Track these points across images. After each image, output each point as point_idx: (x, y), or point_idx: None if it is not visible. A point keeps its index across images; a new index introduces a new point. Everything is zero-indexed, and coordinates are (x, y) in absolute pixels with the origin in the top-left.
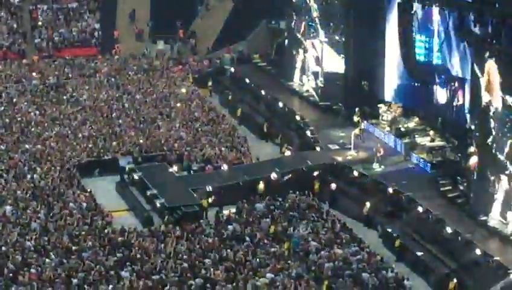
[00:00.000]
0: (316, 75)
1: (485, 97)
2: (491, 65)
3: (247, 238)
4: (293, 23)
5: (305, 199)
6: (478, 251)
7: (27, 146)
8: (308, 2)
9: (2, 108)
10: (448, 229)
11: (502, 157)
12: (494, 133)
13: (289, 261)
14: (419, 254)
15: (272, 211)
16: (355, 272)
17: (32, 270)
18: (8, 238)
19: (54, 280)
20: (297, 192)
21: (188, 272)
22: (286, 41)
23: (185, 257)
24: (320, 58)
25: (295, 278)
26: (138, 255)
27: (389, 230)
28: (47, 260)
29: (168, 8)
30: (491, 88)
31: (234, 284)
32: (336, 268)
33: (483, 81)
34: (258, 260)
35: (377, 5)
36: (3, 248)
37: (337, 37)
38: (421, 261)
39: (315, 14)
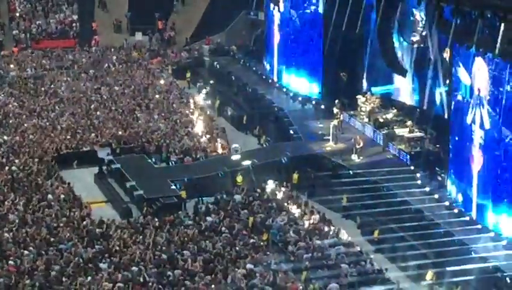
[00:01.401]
0: None
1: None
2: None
3: (226, 230)
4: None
5: (284, 190)
6: (456, 241)
7: (5, 138)
8: None
9: None
10: (427, 220)
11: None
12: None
13: (268, 252)
14: (397, 244)
15: (250, 203)
16: (333, 263)
17: (11, 262)
18: None
19: (32, 271)
20: (276, 183)
21: (167, 264)
22: (265, 32)
23: (163, 248)
24: None
25: (274, 269)
26: (117, 247)
27: (368, 221)
28: (25, 251)
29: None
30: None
31: (213, 275)
32: (314, 259)
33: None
34: (236, 251)
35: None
36: None
37: None
38: (399, 252)
39: None
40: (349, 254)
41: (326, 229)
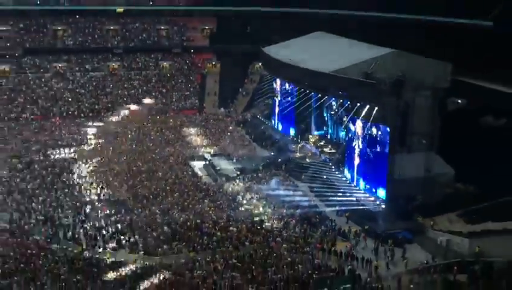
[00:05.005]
0: None
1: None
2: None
3: None
4: (275, 100)
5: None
6: (347, 194)
7: (157, 150)
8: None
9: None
10: (335, 183)
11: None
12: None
13: None
14: (323, 191)
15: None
16: (306, 210)
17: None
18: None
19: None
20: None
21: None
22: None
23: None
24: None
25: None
26: (212, 193)
27: (313, 185)
28: (169, 198)
29: (226, 92)
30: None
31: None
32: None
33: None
34: None
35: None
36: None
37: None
38: (324, 196)
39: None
40: (308, 200)
41: (297, 189)
